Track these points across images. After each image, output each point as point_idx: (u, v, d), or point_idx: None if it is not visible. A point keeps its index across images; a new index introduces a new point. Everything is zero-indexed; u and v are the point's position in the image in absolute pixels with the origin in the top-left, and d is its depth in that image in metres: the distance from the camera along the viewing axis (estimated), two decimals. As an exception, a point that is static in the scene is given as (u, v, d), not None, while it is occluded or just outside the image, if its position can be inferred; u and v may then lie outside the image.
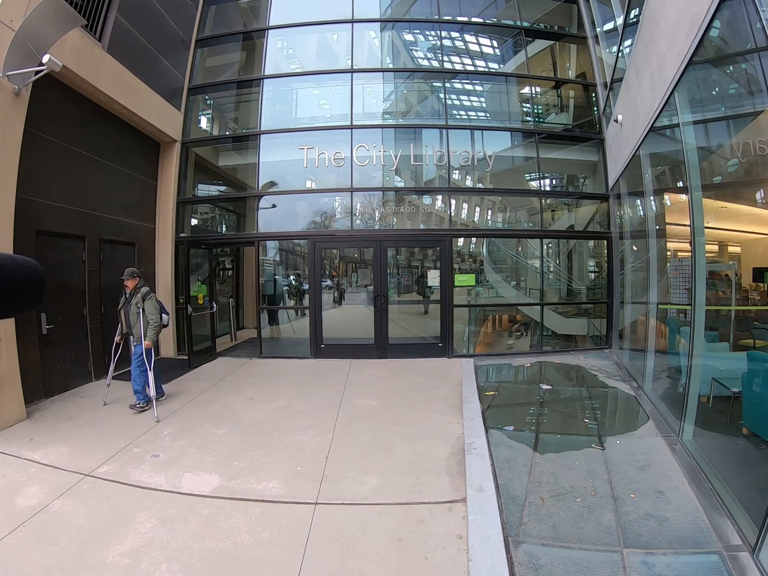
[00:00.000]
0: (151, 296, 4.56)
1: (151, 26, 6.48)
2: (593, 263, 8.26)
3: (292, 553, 2.33)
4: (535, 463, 3.27)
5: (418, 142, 7.29)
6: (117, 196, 6.17)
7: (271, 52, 7.70)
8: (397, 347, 6.91)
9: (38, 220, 4.76)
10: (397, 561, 2.28)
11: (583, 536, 2.42)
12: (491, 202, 8.25)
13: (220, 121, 8.57)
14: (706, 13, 2.82)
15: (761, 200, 3.22)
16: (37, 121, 4.59)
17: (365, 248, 7.73)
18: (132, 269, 4.66)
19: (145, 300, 4.49)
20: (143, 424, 4.12)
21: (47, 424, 4.11)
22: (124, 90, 5.79)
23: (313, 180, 7.53)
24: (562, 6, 8.20)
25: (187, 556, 2.31)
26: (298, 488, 3.00)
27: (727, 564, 2.14)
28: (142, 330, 4.47)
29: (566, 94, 8.48)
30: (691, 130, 3.59)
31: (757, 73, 2.63)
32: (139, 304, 4.49)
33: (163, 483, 3.06)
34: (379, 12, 8.03)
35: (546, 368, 6.17)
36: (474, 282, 7.44)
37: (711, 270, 3.60)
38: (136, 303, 4.51)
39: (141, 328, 4.47)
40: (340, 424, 4.14)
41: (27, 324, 4.50)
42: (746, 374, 3.03)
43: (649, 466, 3.15)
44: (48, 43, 4.08)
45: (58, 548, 2.36)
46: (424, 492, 2.93)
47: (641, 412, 4.26)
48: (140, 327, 4.48)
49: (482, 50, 8.24)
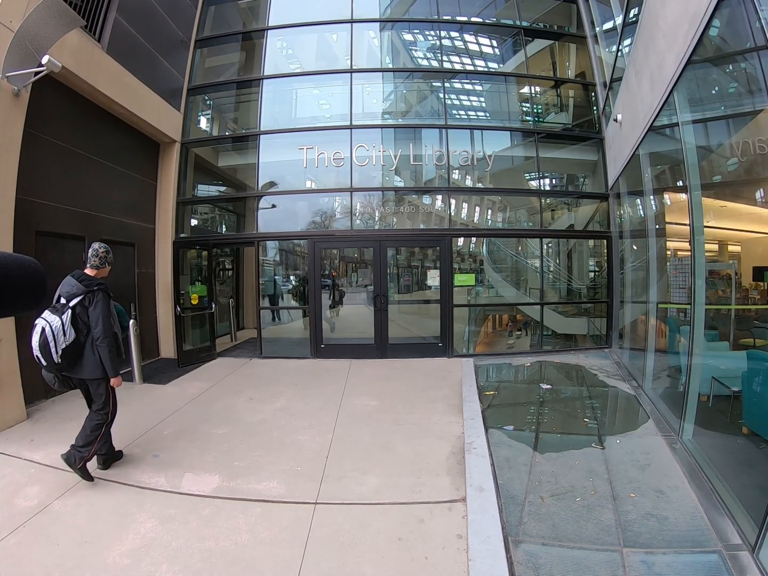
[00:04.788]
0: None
1: (150, 27, 6.48)
2: (593, 263, 8.26)
3: (293, 553, 2.33)
4: (535, 462, 3.27)
5: (417, 142, 7.29)
6: (117, 197, 6.17)
7: (270, 52, 7.70)
8: (397, 347, 6.91)
9: (38, 221, 4.76)
10: (398, 561, 2.28)
11: (583, 535, 2.42)
12: (491, 201, 8.25)
13: (220, 121, 8.57)
14: (705, 13, 2.82)
15: (761, 199, 3.22)
16: (37, 122, 4.59)
17: (365, 248, 7.73)
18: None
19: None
20: (143, 424, 4.12)
21: (48, 424, 4.11)
22: (124, 90, 5.79)
23: (313, 180, 7.53)
24: (562, 5, 8.20)
25: (188, 556, 2.31)
26: (298, 488, 3.00)
27: (727, 563, 2.14)
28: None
29: (566, 93, 8.48)
30: (690, 130, 3.59)
31: (756, 72, 2.63)
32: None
33: (163, 483, 3.07)
34: (378, 12, 8.03)
35: (546, 368, 6.17)
36: (474, 282, 7.44)
37: (711, 269, 3.61)
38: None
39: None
40: (340, 424, 4.14)
41: (27, 324, 4.48)
42: (746, 373, 3.04)
43: (649, 466, 3.15)
44: (47, 43, 4.08)
45: (59, 548, 2.36)
46: (424, 492, 2.93)
47: (641, 412, 4.26)
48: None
49: (482, 50, 8.24)
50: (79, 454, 2.96)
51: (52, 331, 2.81)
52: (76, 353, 2.93)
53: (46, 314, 2.87)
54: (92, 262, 3.15)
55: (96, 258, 3.16)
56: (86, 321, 2.97)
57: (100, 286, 3.05)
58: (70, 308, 2.91)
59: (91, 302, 2.97)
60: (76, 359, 2.94)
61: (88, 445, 2.99)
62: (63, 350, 2.84)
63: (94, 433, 3.02)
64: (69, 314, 2.88)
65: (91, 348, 2.98)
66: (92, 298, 2.98)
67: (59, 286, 3.02)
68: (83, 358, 2.97)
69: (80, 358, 2.96)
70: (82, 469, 2.99)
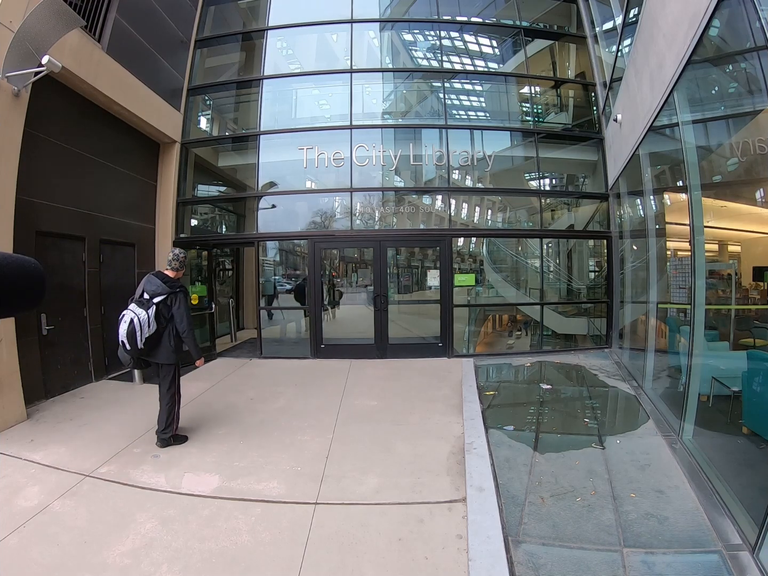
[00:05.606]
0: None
1: (150, 27, 6.48)
2: (593, 263, 8.26)
3: (293, 553, 2.33)
4: (535, 462, 3.26)
5: (417, 142, 7.29)
6: (117, 197, 6.17)
7: (270, 52, 7.70)
8: (397, 347, 6.91)
9: (38, 221, 4.76)
10: (398, 561, 2.28)
11: (583, 536, 2.42)
12: (491, 201, 8.25)
13: (220, 121, 8.57)
14: (705, 13, 2.82)
15: (761, 199, 3.22)
16: (37, 122, 4.59)
17: (365, 248, 7.73)
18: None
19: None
20: (143, 424, 4.11)
21: (47, 425, 4.11)
22: (124, 91, 5.79)
23: (313, 180, 7.53)
24: (562, 5, 8.20)
25: (188, 557, 2.31)
26: (298, 488, 3.00)
27: (727, 563, 2.14)
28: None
29: (566, 93, 8.48)
30: (690, 130, 3.59)
31: (756, 72, 2.63)
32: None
33: (163, 483, 3.07)
34: (378, 12, 8.04)
35: (546, 368, 6.17)
36: (474, 282, 7.43)
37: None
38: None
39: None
40: (341, 424, 4.14)
41: (27, 324, 4.51)
42: (746, 373, 3.04)
43: (649, 466, 3.15)
44: (47, 44, 4.08)
45: (59, 548, 2.36)
46: (424, 492, 2.92)
47: (641, 412, 4.26)
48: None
49: (482, 50, 8.24)
50: (165, 435, 3.60)
51: (140, 322, 3.35)
52: (156, 341, 3.50)
53: (134, 307, 3.41)
54: (173, 265, 3.67)
55: (176, 262, 3.67)
56: (166, 316, 3.52)
57: (181, 288, 3.62)
58: (155, 304, 3.45)
59: (174, 302, 3.53)
60: (154, 346, 3.50)
61: (168, 427, 3.61)
62: (146, 338, 3.40)
63: (169, 415, 3.62)
64: (154, 309, 3.44)
65: (168, 338, 3.54)
66: (175, 298, 3.54)
67: (142, 282, 3.56)
68: (160, 346, 3.53)
69: (158, 346, 3.52)
70: (176, 438, 3.68)
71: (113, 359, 5.86)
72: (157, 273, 3.62)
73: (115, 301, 6.02)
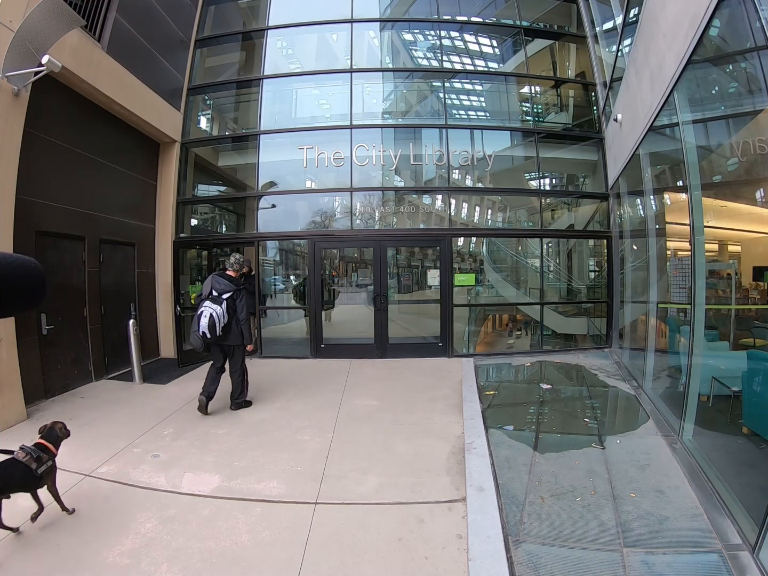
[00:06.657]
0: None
1: (150, 26, 6.48)
2: (593, 262, 8.26)
3: (293, 553, 2.33)
4: (535, 462, 3.27)
5: (417, 142, 7.28)
6: (117, 197, 6.17)
7: (270, 52, 7.69)
8: (397, 347, 6.91)
9: (38, 221, 4.76)
10: (398, 561, 2.28)
11: (583, 535, 2.42)
12: (491, 201, 8.25)
13: (220, 121, 8.57)
14: (705, 12, 2.82)
15: (761, 199, 3.22)
16: (37, 122, 4.58)
17: (365, 248, 7.72)
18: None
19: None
20: (143, 424, 4.12)
21: (47, 424, 4.10)
22: (124, 90, 5.79)
23: (313, 180, 7.53)
24: (562, 5, 8.19)
25: (188, 557, 2.31)
26: (298, 488, 3.00)
27: (727, 563, 2.14)
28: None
29: (566, 93, 8.48)
30: (690, 129, 3.59)
31: (756, 72, 2.63)
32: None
33: (163, 483, 3.07)
34: (378, 12, 8.03)
35: (546, 367, 6.17)
36: (474, 282, 7.43)
37: (711, 269, 3.60)
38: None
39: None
40: (341, 424, 4.14)
41: (27, 324, 4.50)
42: (746, 373, 3.03)
43: (649, 466, 3.15)
44: (47, 43, 4.07)
45: (59, 549, 2.36)
46: (425, 492, 2.93)
47: (641, 412, 4.26)
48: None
49: (482, 50, 8.24)
50: (238, 400, 4.56)
51: (217, 315, 4.20)
52: (228, 328, 4.31)
53: (209, 303, 4.23)
54: (234, 267, 4.50)
55: (237, 264, 4.52)
56: (233, 308, 4.33)
57: (244, 286, 4.56)
58: (225, 300, 4.27)
59: (239, 297, 4.38)
60: (227, 332, 4.31)
61: (241, 393, 4.58)
62: (222, 327, 4.23)
63: (240, 384, 4.54)
64: (225, 304, 4.26)
65: (236, 325, 4.36)
66: (239, 294, 4.38)
67: (210, 281, 4.38)
68: (231, 332, 4.34)
69: (229, 332, 4.33)
70: (246, 402, 4.66)
71: (113, 359, 5.88)
72: (221, 274, 4.44)
73: (115, 301, 6.04)
